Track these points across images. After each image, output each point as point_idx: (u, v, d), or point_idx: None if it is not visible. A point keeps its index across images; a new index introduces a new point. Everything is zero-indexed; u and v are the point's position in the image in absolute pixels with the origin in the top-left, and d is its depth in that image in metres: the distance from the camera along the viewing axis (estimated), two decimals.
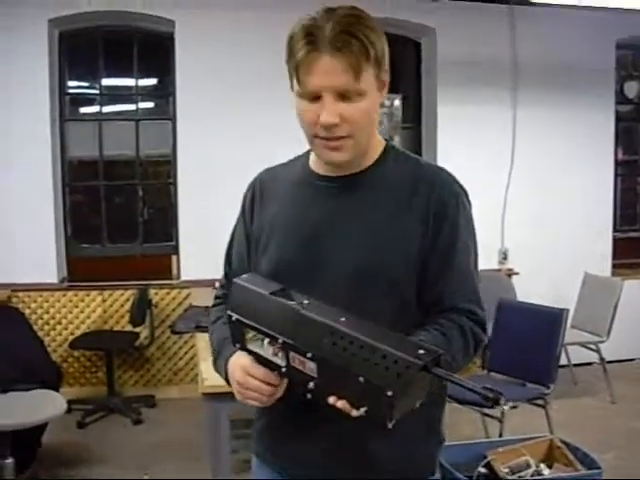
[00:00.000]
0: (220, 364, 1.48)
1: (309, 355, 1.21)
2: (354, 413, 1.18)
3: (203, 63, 5.30)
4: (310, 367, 1.21)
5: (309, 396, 1.24)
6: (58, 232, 5.34)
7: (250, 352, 1.34)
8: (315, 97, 1.36)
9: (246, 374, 1.35)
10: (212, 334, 1.59)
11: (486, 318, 1.47)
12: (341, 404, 1.19)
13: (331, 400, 1.20)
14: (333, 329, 1.18)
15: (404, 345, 1.15)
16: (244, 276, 1.39)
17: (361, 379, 1.14)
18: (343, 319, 1.20)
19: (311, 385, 1.22)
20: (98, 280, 5.37)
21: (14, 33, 5.02)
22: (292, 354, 1.24)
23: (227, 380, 1.46)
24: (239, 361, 1.38)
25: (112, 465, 4.07)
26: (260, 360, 1.32)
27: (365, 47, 1.33)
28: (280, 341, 1.25)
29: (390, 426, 1.14)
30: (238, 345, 1.36)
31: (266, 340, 1.28)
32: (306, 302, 1.25)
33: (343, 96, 1.35)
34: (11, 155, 5.10)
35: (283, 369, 1.28)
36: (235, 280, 1.37)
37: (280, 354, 1.27)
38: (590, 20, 5.54)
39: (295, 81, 1.39)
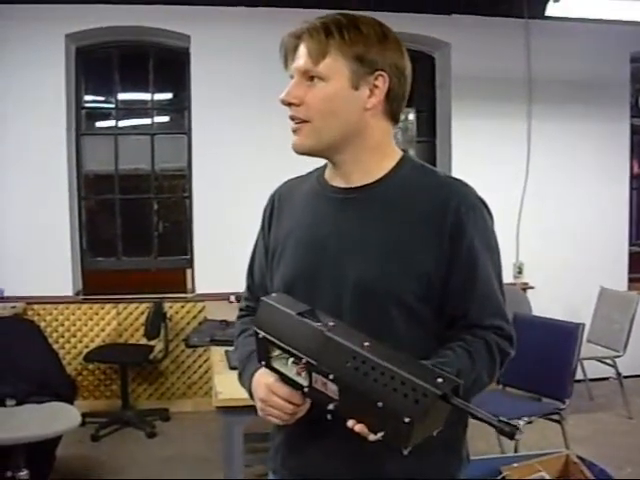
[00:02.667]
0: (245, 379, 1.49)
1: (331, 377, 1.21)
2: (371, 437, 1.18)
3: (218, 77, 5.34)
4: (332, 389, 1.21)
5: (329, 417, 1.24)
6: (73, 245, 5.38)
7: (274, 370, 1.34)
8: None
9: (270, 392, 1.35)
10: (237, 348, 1.60)
11: (513, 331, 1.44)
12: (359, 428, 1.19)
13: (350, 423, 1.20)
14: (356, 353, 1.18)
15: (424, 373, 1.15)
16: (273, 295, 1.39)
17: (380, 404, 1.14)
18: (367, 344, 1.19)
19: (331, 407, 1.23)
20: (113, 293, 5.41)
21: (32, 48, 5.08)
22: (315, 375, 1.24)
23: (251, 395, 1.46)
24: (263, 379, 1.38)
25: (126, 478, 4.06)
26: (284, 379, 1.32)
27: (330, 34, 1.37)
28: (304, 361, 1.25)
29: (406, 453, 1.15)
30: (263, 363, 1.37)
31: (290, 359, 1.28)
32: (331, 324, 1.25)
33: (311, 80, 1.40)
34: (27, 168, 5.15)
35: (305, 389, 1.28)
36: (263, 299, 1.37)
37: (303, 374, 1.27)
38: (604, 33, 5.53)
39: None
